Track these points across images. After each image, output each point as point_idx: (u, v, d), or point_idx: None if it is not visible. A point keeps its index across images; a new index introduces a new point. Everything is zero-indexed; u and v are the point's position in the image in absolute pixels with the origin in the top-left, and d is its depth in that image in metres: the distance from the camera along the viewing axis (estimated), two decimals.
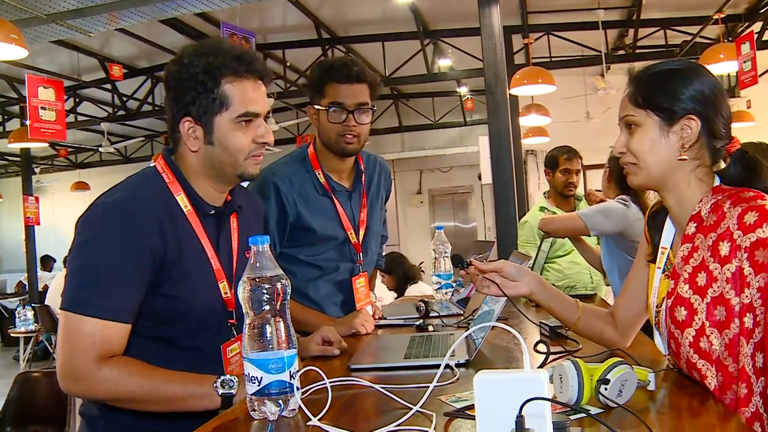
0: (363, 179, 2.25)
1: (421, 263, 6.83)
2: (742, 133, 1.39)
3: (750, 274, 1.19)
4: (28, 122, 6.31)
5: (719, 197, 1.30)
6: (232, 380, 1.36)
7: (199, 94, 1.45)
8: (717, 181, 1.34)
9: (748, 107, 9.10)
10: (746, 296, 1.19)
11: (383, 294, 4.72)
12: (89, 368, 1.33)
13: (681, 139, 1.31)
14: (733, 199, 1.27)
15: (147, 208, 1.42)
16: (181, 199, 1.49)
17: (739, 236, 1.21)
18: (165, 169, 1.51)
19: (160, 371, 1.39)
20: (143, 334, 1.44)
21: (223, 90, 1.45)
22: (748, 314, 1.19)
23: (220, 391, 1.35)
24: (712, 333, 1.24)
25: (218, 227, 1.55)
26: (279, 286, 1.20)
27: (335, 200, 2.15)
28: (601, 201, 3.20)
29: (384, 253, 2.57)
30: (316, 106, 2.09)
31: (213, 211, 1.54)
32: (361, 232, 2.21)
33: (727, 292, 1.22)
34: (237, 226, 1.61)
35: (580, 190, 3.91)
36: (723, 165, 1.34)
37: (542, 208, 3.80)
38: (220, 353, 1.50)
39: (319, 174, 2.14)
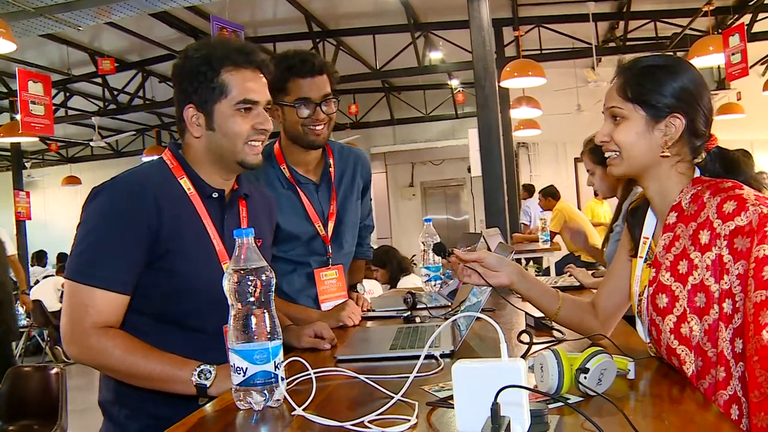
0: (332, 172, 2.24)
1: (414, 256, 6.85)
2: (732, 125, 1.43)
3: (729, 261, 1.22)
4: (18, 116, 6.27)
5: (699, 188, 1.33)
6: (210, 371, 1.39)
7: (200, 83, 1.55)
8: (697, 173, 1.37)
9: (738, 99, 9.15)
10: (725, 283, 1.22)
11: (373, 287, 4.72)
12: (80, 335, 1.42)
13: (665, 136, 1.34)
14: (712, 189, 1.30)
15: (145, 184, 1.52)
16: (184, 182, 1.59)
17: (718, 225, 1.25)
18: (170, 158, 1.62)
19: (144, 349, 1.43)
20: (146, 312, 1.51)
21: (223, 79, 1.54)
22: (727, 300, 1.22)
23: (195, 381, 1.39)
24: (692, 319, 1.27)
25: (222, 211, 1.63)
26: (264, 277, 1.21)
27: (300, 192, 2.15)
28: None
29: (375, 247, 2.57)
30: (281, 104, 2.08)
31: (216, 194, 1.61)
32: (330, 225, 2.20)
33: (707, 279, 1.25)
34: (246, 215, 1.69)
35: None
36: (701, 158, 1.38)
37: None
38: (222, 335, 1.52)
39: (283, 168, 2.15)
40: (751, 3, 7.41)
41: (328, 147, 2.24)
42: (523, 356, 1.48)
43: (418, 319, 2.09)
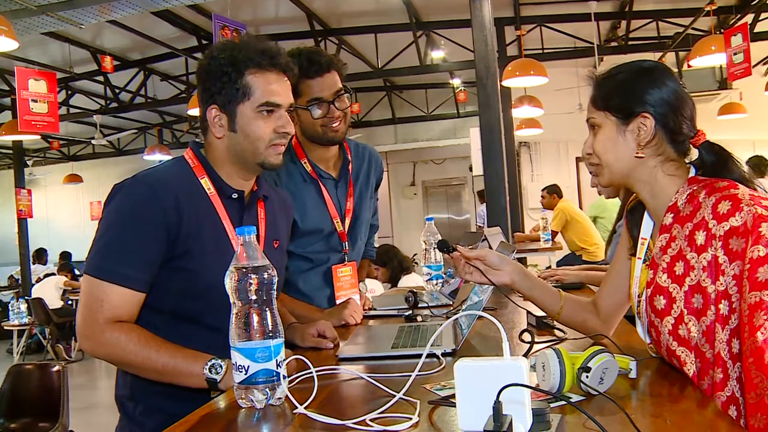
0: (350, 168, 2.25)
1: (415, 255, 6.84)
2: (735, 124, 1.42)
3: (725, 262, 1.21)
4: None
5: (694, 187, 1.32)
6: (221, 365, 1.39)
7: (224, 84, 1.56)
8: (692, 172, 1.37)
9: (740, 99, 9.14)
10: (721, 284, 1.22)
11: (374, 286, 4.73)
12: (94, 329, 1.44)
13: (637, 138, 1.36)
14: (707, 189, 1.30)
15: (166, 183, 1.53)
16: (205, 182, 1.60)
17: (713, 225, 1.24)
18: (191, 157, 1.63)
19: (157, 343, 1.45)
20: (163, 310, 1.52)
21: (246, 81, 1.55)
22: (723, 301, 1.21)
23: (206, 375, 1.39)
24: (690, 320, 1.26)
25: (241, 211, 1.64)
26: (266, 276, 1.21)
27: (322, 187, 2.16)
28: None
29: (377, 245, 2.57)
30: (295, 107, 2.07)
31: (236, 195, 1.62)
32: (347, 221, 2.21)
33: (704, 280, 1.24)
34: (264, 216, 1.69)
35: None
36: (694, 157, 1.38)
37: None
38: None
39: (305, 163, 2.15)
40: (753, 3, 7.39)
41: (345, 143, 2.24)
42: (525, 355, 1.48)
43: (419, 318, 2.09)
